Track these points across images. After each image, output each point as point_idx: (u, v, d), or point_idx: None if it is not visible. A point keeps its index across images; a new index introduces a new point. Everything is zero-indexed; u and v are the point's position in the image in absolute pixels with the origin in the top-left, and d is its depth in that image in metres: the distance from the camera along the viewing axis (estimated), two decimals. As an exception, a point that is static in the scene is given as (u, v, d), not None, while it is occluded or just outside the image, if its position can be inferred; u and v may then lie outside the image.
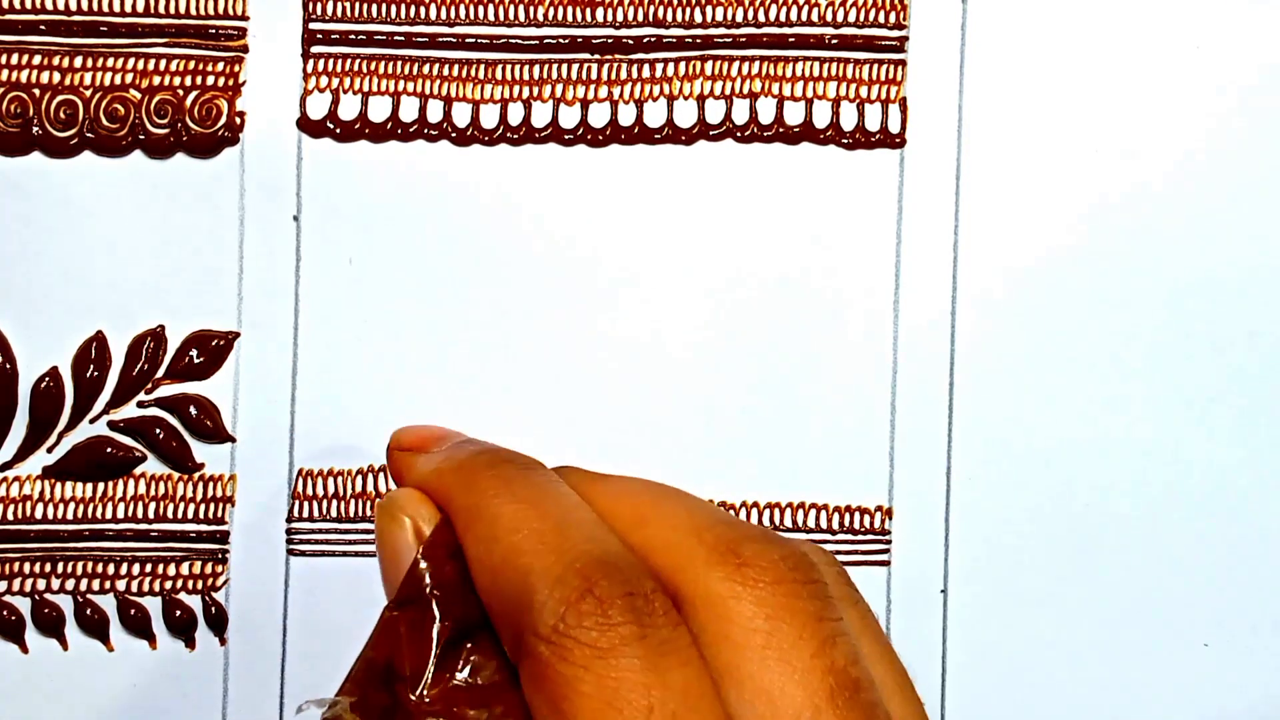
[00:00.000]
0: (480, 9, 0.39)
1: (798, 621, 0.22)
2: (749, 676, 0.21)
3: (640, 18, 0.39)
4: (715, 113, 0.40)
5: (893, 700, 0.22)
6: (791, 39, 0.40)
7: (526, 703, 0.21)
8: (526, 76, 0.40)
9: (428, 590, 0.24)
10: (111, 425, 0.39)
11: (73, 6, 0.39)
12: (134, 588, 0.39)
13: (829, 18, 0.40)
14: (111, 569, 0.39)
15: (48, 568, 0.39)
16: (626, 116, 0.40)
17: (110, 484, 0.39)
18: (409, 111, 0.40)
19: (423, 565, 0.24)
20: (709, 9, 0.39)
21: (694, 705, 0.20)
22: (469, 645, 0.23)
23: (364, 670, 0.24)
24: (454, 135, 0.40)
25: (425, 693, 0.23)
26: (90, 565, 0.39)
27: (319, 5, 0.39)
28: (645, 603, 0.21)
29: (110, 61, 0.39)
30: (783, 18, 0.39)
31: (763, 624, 0.22)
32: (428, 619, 0.23)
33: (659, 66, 0.40)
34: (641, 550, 0.23)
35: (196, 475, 0.39)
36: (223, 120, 0.39)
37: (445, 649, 0.23)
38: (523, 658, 0.21)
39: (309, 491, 0.40)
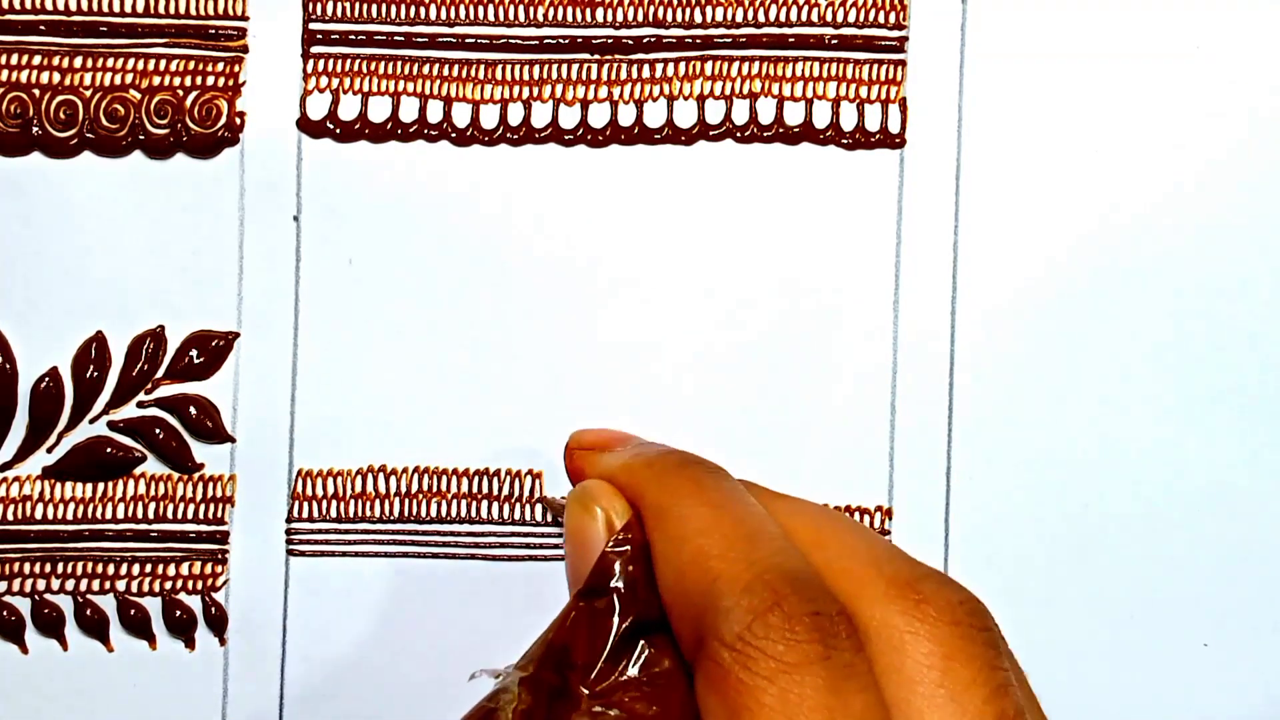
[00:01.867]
0: (480, 9, 0.39)
1: (974, 666, 0.22)
2: (918, 713, 0.22)
3: (640, 18, 0.39)
4: (715, 113, 0.40)
5: None
6: (791, 39, 0.40)
7: (698, 704, 0.22)
8: (526, 76, 0.40)
9: (612, 584, 0.24)
10: (111, 425, 0.39)
11: (73, 6, 0.39)
12: (134, 588, 0.39)
13: (829, 18, 0.40)
14: (111, 569, 0.39)
15: (48, 568, 0.39)
16: (626, 117, 0.40)
17: (110, 484, 0.39)
18: (409, 112, 0.40)
19: (611, 558, 0.25)
20: (709, 9, 0.39)
21: None
22: (644, 642, 0.24)
23: (542, 651, 0.24)
24: (454, 135, 0.40)
25: (595, 681, 0.23)
26: (90, 565, 0.39)
27: (319, 5, 0.39)
28: (831, 623, 0.21)
29: (110, 61, 0.39)
30: (783, 18, 0.39)
31: (939, 662, 0.22)
32: (608, 612, 0.24)
33: (659, 66, 0.40)
34: (819, 573, 0.23)
35: (196, 475, 0.39)
36: (223, 120, 0.39)
37: (620, 643, 0.24)
38: (702, 659, 0.22)
39: (309, 491, 0.40)
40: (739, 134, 0.40)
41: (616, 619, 0.24)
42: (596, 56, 0.40)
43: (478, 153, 0.40)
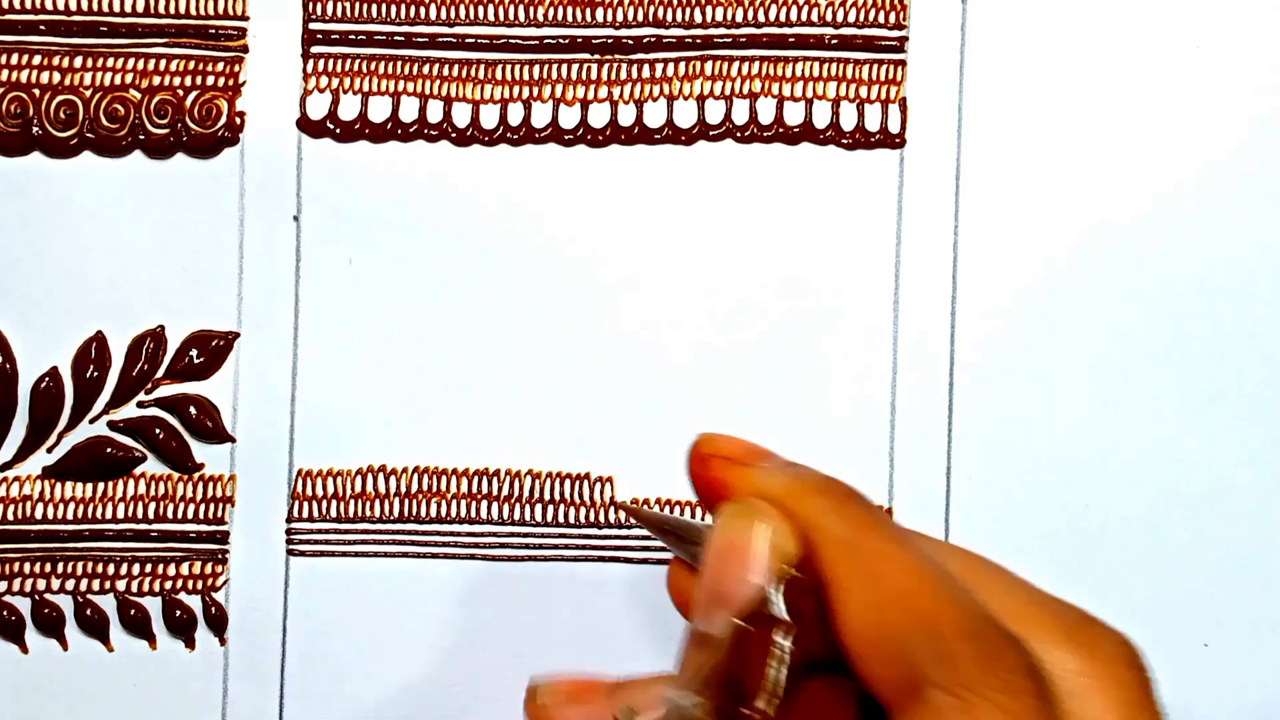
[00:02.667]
0: (480, 9, 0.39)
1: (1148, 711, 0.23)
2: None
3: (640, 18, 0.39)
4: (715, 113, 0.40)
5: None
6: (791, 39, 0.40)
7: None
8: (526, 76, 0.40)
9: (786, 614, 0.23)
10: (111, 425, 0.39)
11: (73, 6, 0.39)
12: (134, 588, 0.39)
13: (829, 18, 0.40)
14: (111, 569, 0.39)
15: (48, 568, 0.39)
16: (626, 117, 0.40)
17: (110, 484, 0.39)
18: (409, 111, 0.40)
19: (780, 586, 0.24)
20: (709, 9, 0.39)
21: None
22: (810, 680, 0.23)
23: (716, 675, 0.24)
24: (454, 135, 0.40)
25: (767, 713, 0.23)
26: (90, 565, 0.39)
27: (319, 5, 0.39)
28: (1041, 673, 0.21)
29: (110, 61, 0.39)
30: (783, 18, 0.39)
31: (1118, 708, 0.22)
32: (783, 642, 0.23)
33: (659, 66, 0.40)
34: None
35: (196, 475, 0.39)
36: (223, 120, 0.39)
37: (793, 680, 0.23)
38: (913, 703, 0.21)
39: (309, 491, 0.40)
40: (739, 134, 0.40)
41: (790, 651, 0.23)
42: (596, 56, 0.40)
43: (478, 153, 0.40)
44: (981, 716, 0.21)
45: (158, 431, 0.39)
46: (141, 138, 0.39)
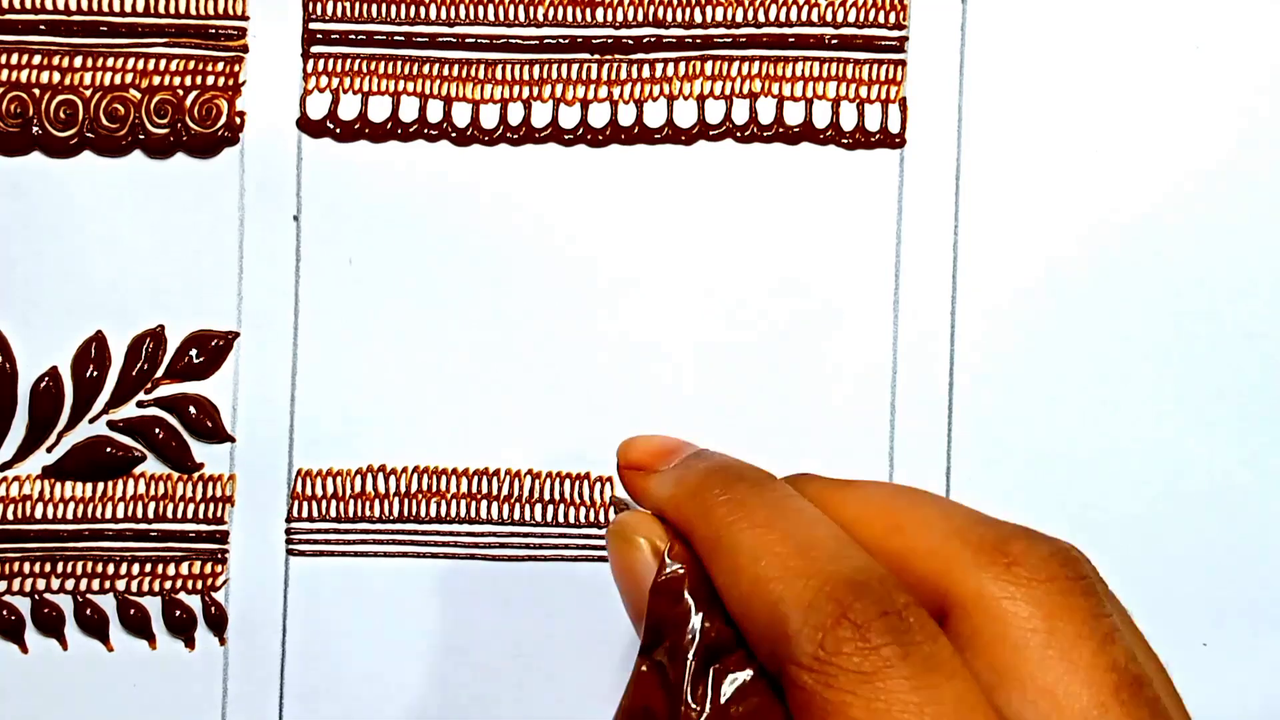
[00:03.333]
0: (480, 9, 0.39)
1: (1076, 619, 0.22)
2: (1029, 677, 0.21)
3: (640, 18, 0.39)
4: (715, 113, 0.40)
5: (1162, 695, 0.22)
6: (791, 39, 0.40)
7: None
8: (526, 76, 0.40)
9: (670, 626, 0.24)
10: (111, 425, 0.39)
11: (73, 6, 0.39)
12: (134, 588, 0.39)
13: (829, 18, 0.40)
14: (111, 569, 0.39)
15: (48, 568, 0.39)
16: (626, 116, 0.40)
17: (110, 484, 0.39)
18: (409, 111, 0.40)
19: (664, 588, 0.24)
20: (709, 9, 0.39)
21: (969, 717, 0.20)
22: (727, 670, 0.23)
23: (624, 717, 0.24)
24: (454, 135, 0.40)
25: None
26: (90, 565, 0.39)
27: (319, 5, 0.39)
28: (901, 620, 0.21)
29: (110, 61, 0.39)
30: (783, 18, 0.39)
31: (1041, 623, 0.21)
32: (676, 656, 0.23)
33: (659, 66, 0.40)
34: (899, 558, 0.23)
35: (196, 475, 0.39)
36: (223, 120, 0.39)
37: (697, 680, 0.23)
38: (786, 686, 0.21)
39: (309, 491, 0.40)
40: (739, 134, 0.40)
41: (689, 657, 0.23)
42: (596, 56, 0.40)
43: (478, 153, 0.40)
44: (838, 683, 0.20)
45: (157, 431, 0.39)
46: (141, 138, 0.39)
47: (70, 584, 0.39)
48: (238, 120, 0.39)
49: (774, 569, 0.22)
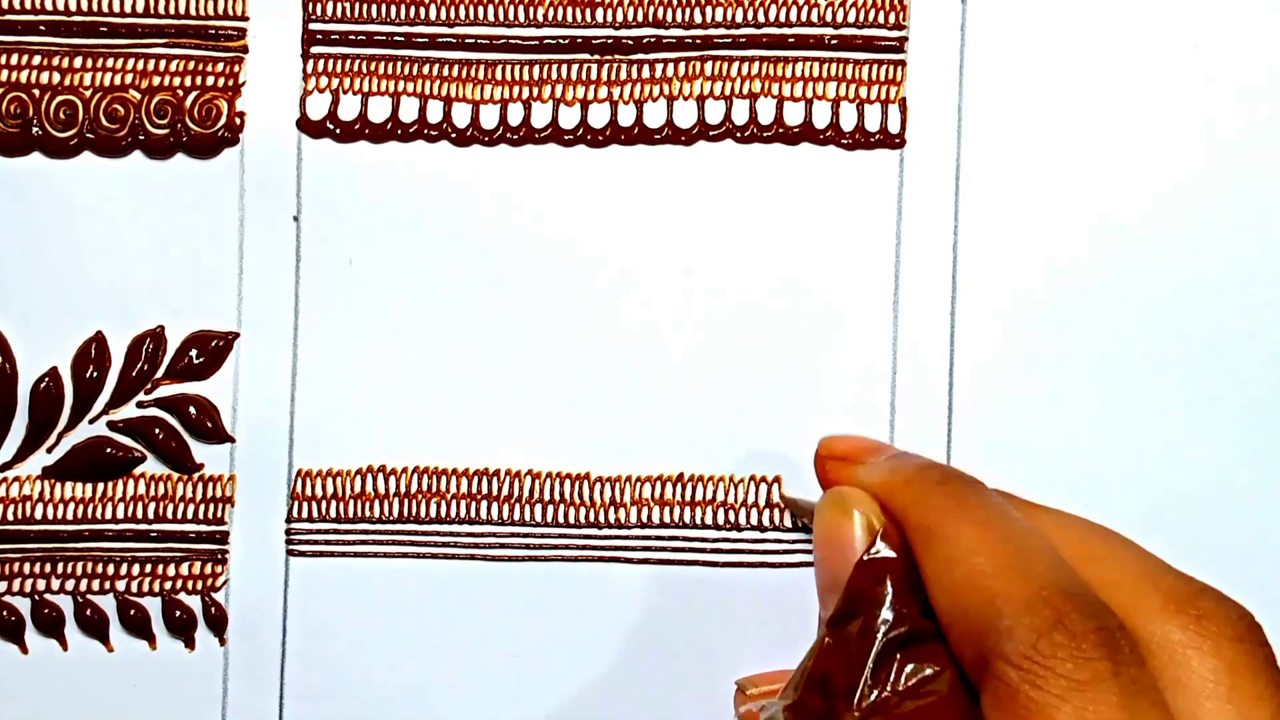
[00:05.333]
0: (480, 9, 0.39)
1: (1260, 680, 0.22)
2: None
3: (640, 18, 0.39)
4: (715, 113, 0.40)
5: None
6: (791, 39, 0.40)
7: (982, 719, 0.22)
8: (526, 77, 0.40)
9: (868, 598, 0.24)
10: (111, 425, 0.39)
11: (73, 6, 0.39)
12: (134, 588, 0.39)
13: (829, 18, 0.40)
14: (111, 569, 0.39)
15: (48, 568, 0.39)
16: (626, 117, 0.40)
17: (110, 484, 0.39)
18: (409, 112, 0.40)
19: (870, 568, 0.24)
20: (709, 9, 0.39)
21: None
22: (901, 656, 0.23)
23: (803, 679, 0.24)
24: (454, 135, 0.40)
25: (859, 702, 0.23)
26: (90, 565, 0.39)
27: (319, 5, 0.39)
28: (1114, 638, 0.21)
29: (110, 61, 0.39)
30: (783, 18, 0.39)
31: (1225, 678, 0.22)
32: (866, 631, 0.24)
33: (659, 67, 0.40)
34: (1092, 586, 0.23)
35: (196, 475, 0.39)
36: (223, 120, 0.39)
37: (880, 661, 0.23)
38: (988, 679, 0.22)
39: (309, 492, 0.40)
40: (739, 134, 0.40)
41: (879, 637, 0.24)
42: (596, 56, 0.40)
43: (478, 153, 0.40)
44: (1048, 685, 0.21)
45: (157, 431, 0.39)
46: (141, 138, 0.39)
47: (70, 584, 0.39)
48: (238, 121, 0.39)
49: (991, 565, 0.23)
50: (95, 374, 0.39)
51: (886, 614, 0.24)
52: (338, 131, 0.39)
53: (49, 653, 0.39)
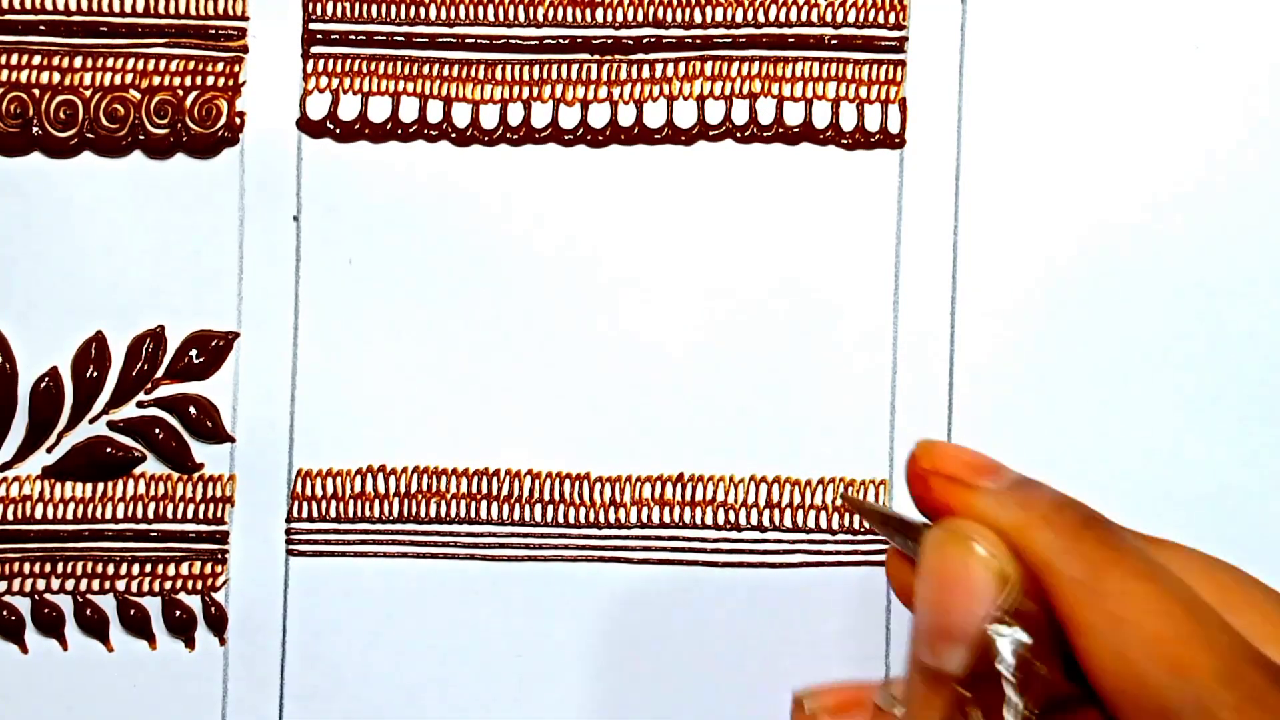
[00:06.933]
0: (480, 9, 0.39)
1: None
2: None
3: (640, 18, 0.39)
4: (715, 113, 0.40)
5: None
6: (791, 39, 0.40)
7: None
8: (526, 77, 0.40)
9: (1003, 660, 0.22)
10: (111, 425, 0.39)
11: (73, 6, 0.39)
12: (134, 588, 0.39)
13: (829, 18, 0.40)
14: (111, 569, 0.39)
15: (48, 568, 0.39)
16: (626, 117, 0.40)
17: (110, 484, 0.39)
18: (409, 112, 0.40)
19: (1006, 623, 0.22)
20: (709, 9, 0.39)
21: None
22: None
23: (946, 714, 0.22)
24: (454, 135, 0.40)
25: None
26: (90, 565, 0.39)
27: (319, 5, 0.39)
28: None
29: (110, 61, 0.39)
30: (783, 18, 0.39)
31: None
32: (1015, 699, 0.22)
33: (659, 67, 0.40)
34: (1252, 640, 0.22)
35: (196, 475, 0.39)
36: (223, 120, 0.39)
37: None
38: None
39: (308, 491, 0.40)
40: (739, 134, 0.40)
41: (1016, 699, 0.22)
42: (596, 56, 0.40)
43: (478, 153, 0.40)
44: None
45: (157, 431, 0.39)
46: (141, 138, 0.39)
47: (70, 584, 0.39)
48: (238, 120, 0.39)
49: (1170, 628, 0.21)
50: (95, 374, 0.39)
51: (1028, 674, 0.22)
52: (338, 131, 0.39)
53: (49, 653, 0.39)
